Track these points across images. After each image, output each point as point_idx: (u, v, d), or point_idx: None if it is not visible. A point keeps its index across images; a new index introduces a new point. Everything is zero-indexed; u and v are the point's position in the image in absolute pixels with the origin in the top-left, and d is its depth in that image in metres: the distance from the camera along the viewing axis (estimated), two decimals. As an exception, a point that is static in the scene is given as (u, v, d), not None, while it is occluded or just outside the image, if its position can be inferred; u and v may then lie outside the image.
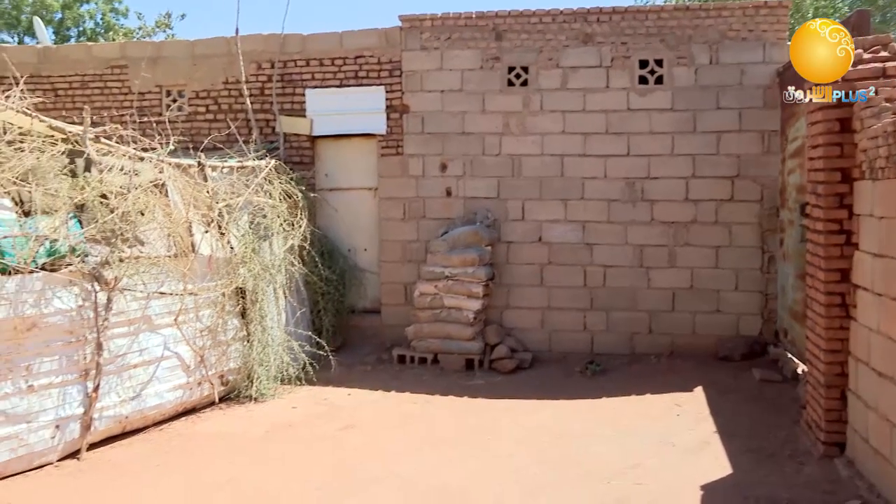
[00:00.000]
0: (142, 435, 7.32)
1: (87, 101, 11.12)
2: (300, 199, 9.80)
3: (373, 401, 8.55)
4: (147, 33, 28.91)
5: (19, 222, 6.48)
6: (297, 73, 10.85)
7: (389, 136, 10.58)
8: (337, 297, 10.28)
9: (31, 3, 31.00)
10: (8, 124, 6.68)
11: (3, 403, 6.14)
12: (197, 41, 11.23)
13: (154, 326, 7.51)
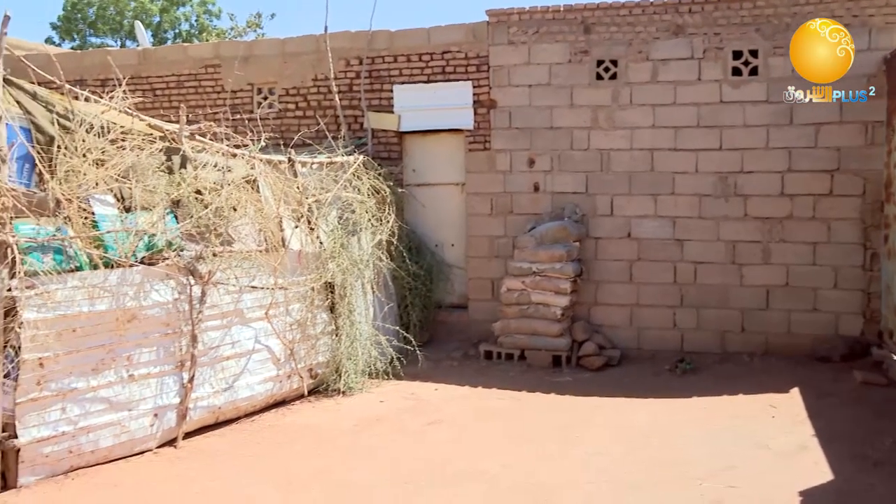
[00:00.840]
0: (234, 425, 7.49)
1: (182, 99, 11.44)
2: (388, 194, 9.87)
3: (460, 396, 8.55)
4: (238, 33, 29.61)
5: (121, 218, 6.71)
6: (384, 70, 10.93)
7: (477, 131, 10.56)
8: (424, 293, 10.33)
9: (133, 9, 32.12)
10: (112, 124, 6.91)
11: (106, 391, 6.38)
12: (287, 39, 11.43)
13: (246, 320, 7.67)
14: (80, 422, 6.22)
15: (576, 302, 10.01)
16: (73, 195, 6.35)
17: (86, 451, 6.28)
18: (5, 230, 5.84)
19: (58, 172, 6.35)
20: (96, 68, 11.96)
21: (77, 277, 6.23)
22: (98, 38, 32.63)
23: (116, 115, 7.21)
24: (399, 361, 8.91)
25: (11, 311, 5.80)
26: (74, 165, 6.45)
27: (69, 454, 6.17)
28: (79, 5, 32.38)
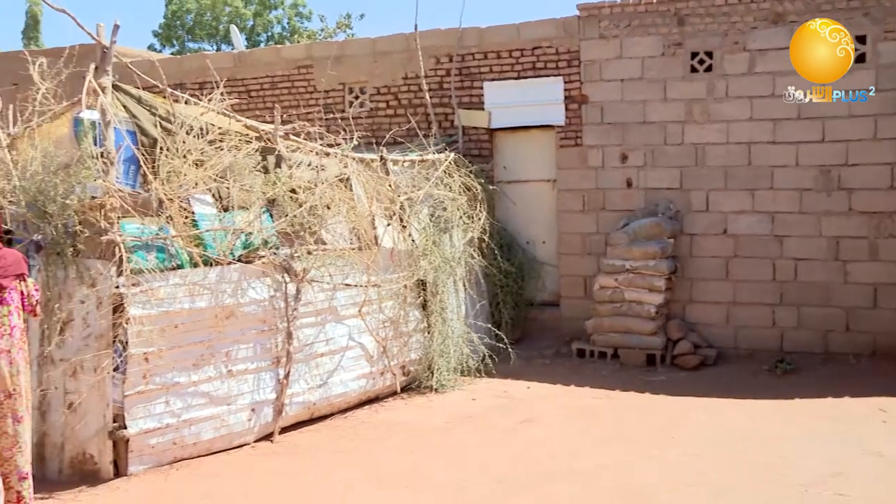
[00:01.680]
0: (328, 421, 7.60)
1: (276, 100, 11.67)
2: (479, 191, 9.86)
3: (552, 394, 8.48)
4: (329, 34, 30.08)
5: (219, 217, 6.89)
6: (474, 67, 10.92)
7: (568, 127, 10.44)
8: (516, 290, 10.27)
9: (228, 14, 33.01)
10: (210, 125, 7.10)
11: (206, 386, 6.56)
12: (377, 39, 11.54)
13: (339, 317, 7.78)
14: (183, 415, 6.41)
15: (670, 300, 9.79)
16: (175, 195, 6.54)
17: (188, 442, 6.47)
18: (113, 229, 6.07)
19: (160, 173, 6.55)
20: (194, 72, 12.31)
21: (178, 275, 6.43)
22: (195, 43, 33.70)
23: (214, 117, 7.40)
24: (491, 359, 8.89)
25: (119, 307, 6.02)
26: (175, 166, 6.65)
27: (173, 445, 6.37)
28: (178, 13, 33.48)
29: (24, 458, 5.24)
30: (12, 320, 5.18)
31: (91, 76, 6.50)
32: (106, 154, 6.21)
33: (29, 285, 5.36)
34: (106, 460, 6.08)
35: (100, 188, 6.10)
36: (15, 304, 5.22)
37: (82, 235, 6.11)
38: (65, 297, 6.09)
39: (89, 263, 6.09)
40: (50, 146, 6.37)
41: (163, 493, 5.90)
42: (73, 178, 6.11)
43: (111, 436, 6.05)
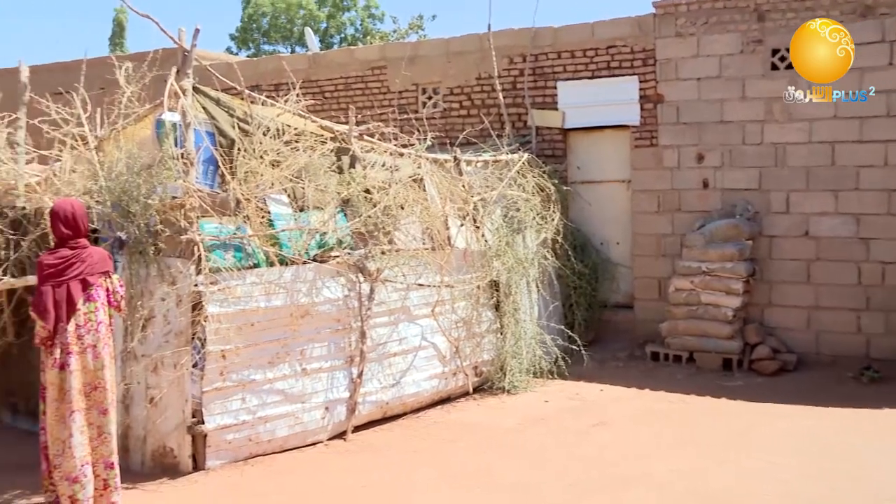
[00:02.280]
0: (400, 421, 7.62)
1: (350, 101, 11.76)
2: (552, 192, 9.78)
3: (625, 398, 8.35)
4: (401, 35, 30.24)
5: (294, 216, 6.97)
6: (548, 66, 10.83)
7: (643, 126, 10.27)
8: (589, 291, 10.15)
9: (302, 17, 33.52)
10: (286, 126, 7.19)
11: (282, 384, 6.64)
12: (451, 39, 11.55)
13: (412, 317, 7.79)
14: (259, 412, 6.51)
15: (748, 303, 9.53)
16: (252, 195, 6.64)
17: (263, 439, 6.56)
18: (193, 229, 6.19)
19: (238, 174, 6.66)
20: (270, 74, 12.51)
21: (255, 274, 6.52)
22: (271, 45, 34.30)
23: (290, 118, 7.50)
24: (564, 361, 8.78)
25: (198, 305, 6.14)
26: (253, 167, 6.75)
27: (248, 441, 6.47)
28: (254, 16, 34.14)
29: (109, 447, 5.43)
30: (98, 316, 5.38)
31: (172, 79, 6.65)
32: (186, 155, 6.34)
33: (114, 282, 5.55)
34: (185, 454, 6.21)
35: (180, 188, 6.23)
36: (101, 300, 5.41)
37: (163, 234, 6.25)
38: (146, 294, 6.24)
39: (170, 262, 6.23)
40: (134, 148, 6.54)
41: (239, 488, 6.00)
42: (155, 178, 6.26)
43: (190, 430, 6.18)
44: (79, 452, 5.26)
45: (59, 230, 5.40)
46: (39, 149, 7.86)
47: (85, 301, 5.33)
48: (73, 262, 5.34)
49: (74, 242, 5.41)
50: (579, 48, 10.61)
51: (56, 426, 5.28)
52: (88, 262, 5.38)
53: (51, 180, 7.22)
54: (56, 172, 7.29)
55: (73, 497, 5.24)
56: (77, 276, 5.32)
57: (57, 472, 5.29)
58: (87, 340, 5.31)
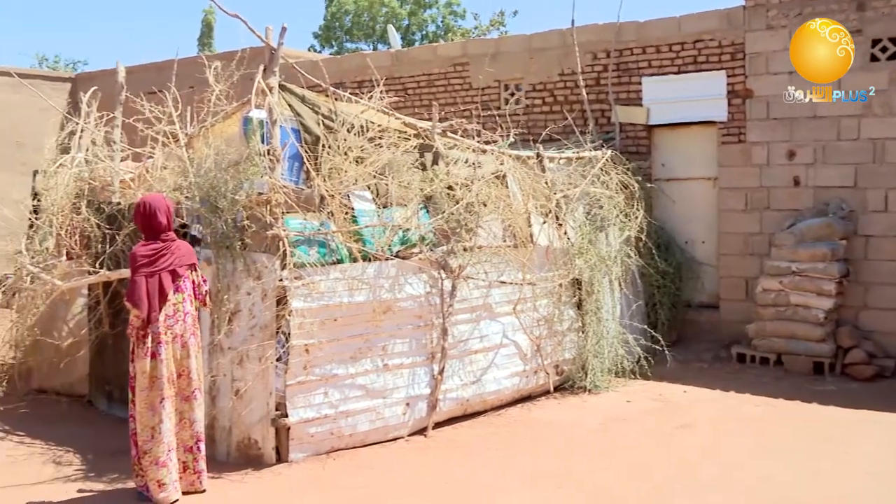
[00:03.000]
0: (481, 418, 7.59)
1: (432, 98, 11.80)
2: (636, 189, 9.61)
3: (710, 400, 8.15)
4: (482, 32, 30.21)
5: (378, 213, 7.01)
6: (632, 62, 10.65)
7: (730, 122, 9.99)
8: (673, 291, 9.94)
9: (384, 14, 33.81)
10: (370, 123, 7.24)
11: (363, 379, 6.69)
12: (533, 35, 11.47)
13: (494, 314, 7.76)
14: (340, 406, 6.56)
15: (841, 305, 9.18)
16: (336, 191, 6.71)
17: (345, 433, 6.62)
18: (278, 224, 6.29)
19: (322, 170, 6.74)
20: (353, 71, 12.64)
21: (338, 269, 6.58)
22: (353, 43, 34.70)
23: (374, 115, 7.55)
24: (646, 361, 8.62)
25: (282, 299, 6.23)
26: (337, 163, 6.82)
27: (330, 435, 6.54)
28: (337, 14, 34.58)
29: (190, 433, 5.69)
30: (186, 307, 5.66)
31: (259, 77, 6.75)
32: (272, 151, 6.43)
33: (199, 275, 5.84)
34: (269, 446, 6.31)
35: (266, 184, 6.33)
36: (188, 292, 5.69)
37: (250, 230, 6.37)
38: (233, 288, 6.36)
39: (255, 257, 6.33)
40: (222, 144, 6.68)
41: (321, 481, 6.06)
42: (242, 174, 6.37)
43: (274, 423, 6.27)
44: (167, 438, 5.52)
45: (155, 223, 5.63)
46: (134, 146, 8.13)
47: (174, 292, 5.59)
48: (163, 254, 5.60)
49: (165, 235, 5.67)
50: (665, 43, 10.40)
51: (146, 413, 5.52)
52: (177, 255, 5.65)
53: (143, 177, 7.45)
54: (148, 169, 7.51)
55: (160, 481, 5.48)
56: (167, 267, 5.58)
57: (147, 457, 5.51)
58: (175, 330, 5.58)
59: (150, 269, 5.52)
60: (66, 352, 7.84)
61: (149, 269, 5.52)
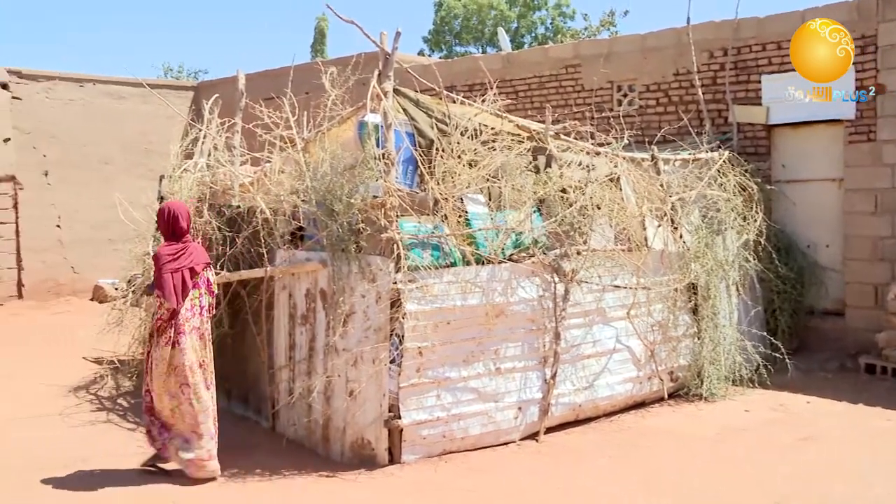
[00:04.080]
0: (593, 424, 7.48)
1: (544, 100, 11.72)
2: (755, 191, 9.28)
3: (835, 412, 7.78)
4: (592, 33, 29.89)
5: (491, 216, 7.00)
6: (751, 59, 10.29)
7: (859, 120, 9.51)
8: (794, 297, 9.55)
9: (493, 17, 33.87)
10: (483, 126, 7.23)
11: (475, 382, 6.69)
12: (647, 35, 11.24)
13: (607, 319, 7.63)
14: (452, 409, 6.58)
15: (982, 314, 8.64)
16: (449, 195, 6.73)
17: (456, 436, 6.63)
18: (392, 227, 6.35)
19: (436, 173, 6.77)
20: (464, 74, 12.68)
21: (451, 273, 6.60)
22: (462, 46, 34.88)
23: (486, 118, 7.54)
24: (766, 369, 8.30)
25: (396, 302, 6.29)
26: (450, 167, 6.84)
27: (442, 438, 6.56)
28: (446, 19, 34.84)
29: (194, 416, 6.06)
30: (202, 301, 6.19)
31: (374, 82, 6.84)
32: (387, 155, 6.50)
33: (212, 273, 6.37)
34: (382, 447, 6.38)
35: (381, 188, 6.40)
36: (203, 288, 6.20)
37: (365, 233, 6.46)
38: (348, 290, 6.46)
39: (370, 259, 6.42)
40: (337, 148, 6.80)
41: (432, 483, 6.08)
42: (358, 178, 6.48)
43: (387, 424, 6.34)
44: (188, 419, 6.04)
45: (178, 226, 6.18)
46: (252, 151, 8.36)
47: (192, 287, 6.09)
48: (183, 253, 6.13)
49: (184, 238, 6.22)
50: (786, 39, 9.96)
51: (164, 398, 6.04)
52: (195, 254, 6.19)
53: (262, 181, 7.65)
54: (266, 173, 7.72)
55: (179, 458, 6.02)
56: (188, 265, 6.10)
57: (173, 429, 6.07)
58: (193, 323, 6.09)
59: (174, 266, 6.04)
60: (189, 350, 8.12)
61: (173, 265, 6.03)
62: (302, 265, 6.89)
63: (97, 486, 6.01)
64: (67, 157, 15.23)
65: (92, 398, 8.35)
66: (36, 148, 14.86)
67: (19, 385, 8.78)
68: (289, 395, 7.03)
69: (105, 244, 14.34)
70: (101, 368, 9.27)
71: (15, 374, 9.07)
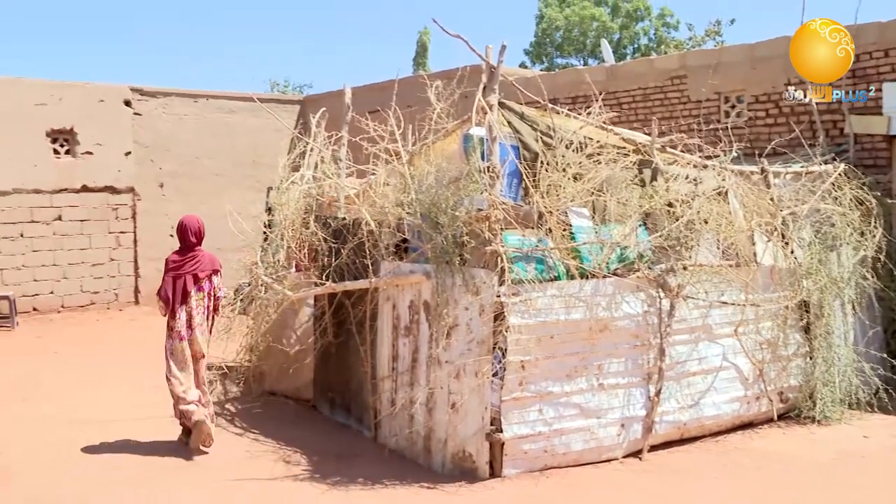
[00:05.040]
0: (698, 444, 7.29)
1: (648, 112, 11.54)
2: (873, 205, 8.88)
3: (967, 442, 7.36)
4: (697, 43, 29.22)
5: (595, 230, 6.93)
6: (871, 67, 9.86)
7: None
8: (918, 317, 9.09)
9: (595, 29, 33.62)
10: (588, 139, 7.18)
11: (578, 397, 6.62)
12: (756, 44, 10.93)
13: (713, 336, 7.44)
14: (554, 424, 6.52)
15: None
16: (554, 208, 6.69)
17: (558, 452, 6.57)
18: (497, 240, 6.35)
19: (541, 187, 6.75)
20: (567, 87, 12.60)
21: (555, 286, 6.56)
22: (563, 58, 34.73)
23: (591, 130, 7.48)
24: (886, 393, 7.91)
25: (499, 315, 6.28)
26: (555, 180, 6.81)
27: (543, 453, 6.51)
28: (547, 30, 34.76)
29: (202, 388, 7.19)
30: (205, 302, 7.16)
31: (480, 95, 6.87)
32: (492, 168, 6.52)
33: (220, 280, 7.30)
34: (483, 460, 6.37)
35: (486, 201, 6.42)
36: (207, 291, 7.17)
37: (469, 245, 6.48)
38: (451, 303, 6.49)
39: (474, 272, 6.43)
40: (442, 161, 6.85)
41: (533, 498, 6.04)
42: (462, 191, 6.52)
43: (488, 437, 6.33)
44: (193, 394, 7.03)
45: (187, 238, 7.19)
46: (358, 164, 8.51)
47: (196, 290, 7.05)
48: (188, 261, 7.11)
49: (194, 248, 7.17)
50: (910, 45, 9.56)
51: (180, 375, 7.03)
52: (201, 262, 7.12)
53: (367, 193, 7.78)
54: (371, 185, 7.85)
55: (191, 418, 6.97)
56: (190, 271, 7.05)
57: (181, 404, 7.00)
58: (196, 321, 7.06)
59: (176, 273, 7.07)
60: (293, 358, 8.34)
61: (175, 272, 7.07)
62: (406, 277, 6.97)
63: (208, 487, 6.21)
64: (181, 168, 15.83)
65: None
66: (153, 161, 15.51)
67: (133, 387, 9.15)
68: (391, 406, 7.11)
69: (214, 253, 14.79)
70: (209, 374, 9.57)
71: (130, 377, 9.47)
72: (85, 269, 14.77)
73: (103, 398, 8.81)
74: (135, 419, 7.95)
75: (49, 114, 14.20)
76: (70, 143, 14.53)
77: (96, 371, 9.99)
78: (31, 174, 14.03)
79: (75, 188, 14.52)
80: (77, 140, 14.55)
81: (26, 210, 14.05)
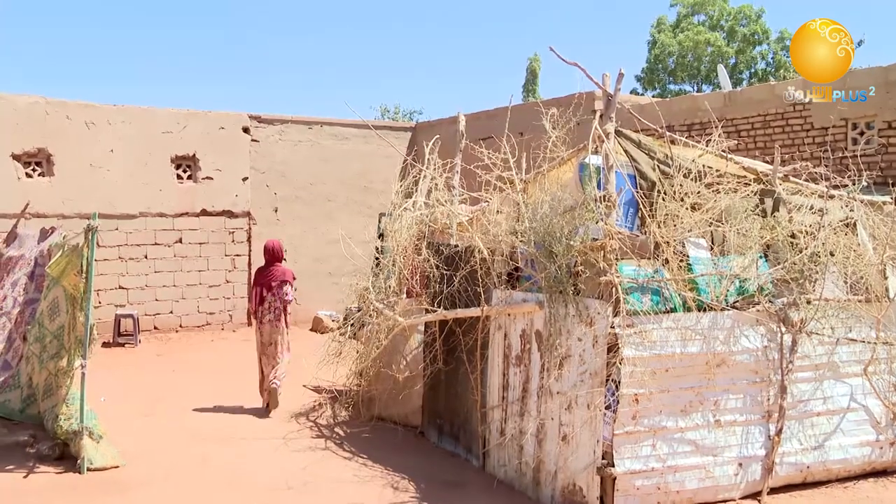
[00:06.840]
0: (823, 489, 6.91)
1: (768, 140, 11.17)
2: None
3: None
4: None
5: (714, 261, 6.71)
6: None
7: None
8: None
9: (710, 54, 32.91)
10: (706, 167, 6.99)
11: (693, 434, 6.39)
12: (889, 66, 10.43)
13: (839, 375, 7.08)
14: (668, 460, 6.32)
15: None
16: (671, 238, 6.52)
17: (672, 489, 6.35)
18: (611, 271, 6.23)
19: (657, 216, 6.59)
20: (682, 113, 12.33)
21: (671, 319, 6.37)
22: (676, 84, 34.11)
23: (709, 159, 7.28)
24: None
25: (613, 346, 6.14)
26: (672, 209, 6.64)
27: (657, 490, 6.30)
28: (660, 56, 34.23)
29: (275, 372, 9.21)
30: (276, 304, 9.26)
31: (596, 123, 6.79)
32: (608, 197, 6.40)
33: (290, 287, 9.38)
34: (593, 495, 6.21)
35: (601, 230, 6.31)
36: (279, 296, 9.27)
37: (583, 275, 6.38)
38: (564, 333, 6.40)
39: (588, 302, 6.32)
40: (557, 190, 6.79)
41: (647, 537, 5.85)
42: (577, 220, 6.43)
43: (600, 472, 6.17)
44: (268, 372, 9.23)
45: (265, 256, 9.48)
46: (471, 191, 8.52)
47: (271, 295, 9.25)
48: (266, 274, 9.39)
49: (273, 264, 9.39)
50: None
51: (262, 358, 9.31)
52: (274, 274, 9.34)
53: (480, 220, 7.77)
54: (484, 213, 7.84)
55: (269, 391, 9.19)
56: (265, 282, 9.31)
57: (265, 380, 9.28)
58: (267, 318, 9.26)
59: (256, 282, 9.47)
60: (403, 384, 8.37)
61: (256, 281, 9.48)
62: (518, 306, 6.92)
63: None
64: (295, 194, 16.24)
65: (311, 425, 8.78)
66: (268, 186, 15.97)
67: (247, 408, 9.38)
68: (500, 436, 7.04)
69: (325, 277, 15.06)
70: (320, 397, 9.73)
71: (243, 398, 9.70)
72: (202, 291, 15.28)
73: (220, 416, 9.07)
74: (251, 438, 8.14)
75: (174, 141, 14.83)
76: (192, 169, 15.11)
77: (212, 389, 10.29)
78: (156, 199, 14.65)
79: (195, 212, 15.07)
80: (199, 166, 15.13)
81: (150, 233, 14.67)
